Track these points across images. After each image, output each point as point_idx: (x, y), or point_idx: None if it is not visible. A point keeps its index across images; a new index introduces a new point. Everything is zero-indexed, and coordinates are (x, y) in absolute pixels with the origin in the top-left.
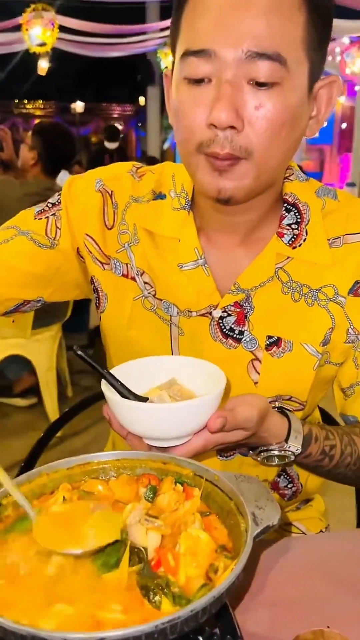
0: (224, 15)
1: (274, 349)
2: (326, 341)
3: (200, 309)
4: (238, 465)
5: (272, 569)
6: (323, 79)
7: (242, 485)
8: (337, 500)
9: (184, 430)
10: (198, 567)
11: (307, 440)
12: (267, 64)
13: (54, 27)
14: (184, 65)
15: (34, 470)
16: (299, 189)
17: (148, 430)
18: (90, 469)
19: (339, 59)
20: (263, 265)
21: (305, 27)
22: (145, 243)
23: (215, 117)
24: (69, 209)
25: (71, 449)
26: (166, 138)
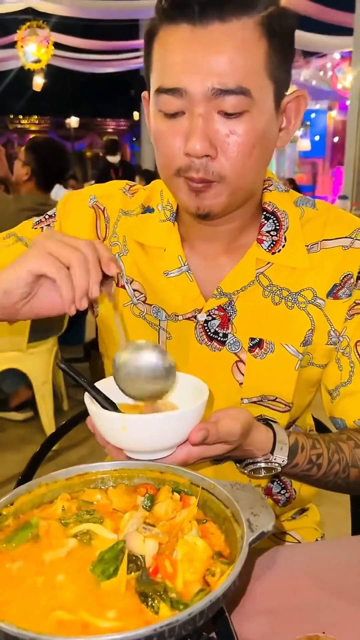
0: (189, 55)
1: (256, 350)
2: (306, 342)
3: (185, 313)
4: (230, 469)
5: (269, 576)
6: (290, 94)
7: (237, 493)
8: (332, 510)
9: (164, 443)
10: (195, 572)
11: (294, 451)
12: (233, 97)
13: (48, 44)
14: (158, 100)
15: (34, 481)
16: (278, 198)
17: (127, 442)
18: (89, 479)
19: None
20: (244, 270)
21: (266, 54)
22: (135, 252)
23: (191, 148)
24: (63, 223)
25: (67, 462)
26: None
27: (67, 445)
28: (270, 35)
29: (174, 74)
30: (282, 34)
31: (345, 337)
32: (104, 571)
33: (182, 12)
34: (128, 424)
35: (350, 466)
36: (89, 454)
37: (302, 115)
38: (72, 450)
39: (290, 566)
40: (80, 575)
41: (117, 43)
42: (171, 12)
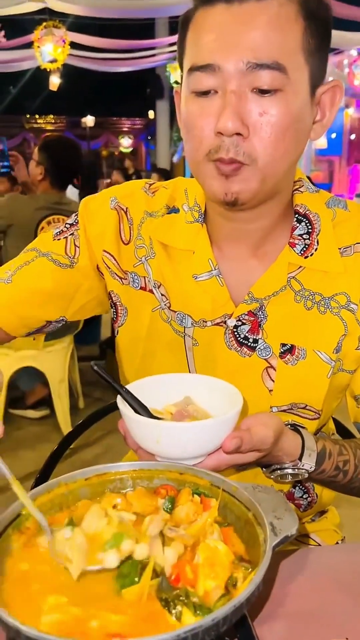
0: (224, 31)
1: (287, 356)
2: (339, 348)
3: (214, 319)
4: (254, 474)
5: (289, 580)
6: (325, 84)
7: (259, 495)
8: (351, 512)
9: (198, 451)
10: (216, 578)
11: (321, 457)
12: (268, 72)
13: (65, 44)
14: (191, 80)
15: (53, 480)
16: (310, 200)
17: (161, 449)
18: (108, 479)
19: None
20: (276, 275)
21: (303, 34)
22: (160, 256)
23: (222, 125)
24: (87, 228)
25: (82, 460)
26: (175, 151)
27: (83, 444)
28: (307, 16)
29: (208, 50)
30: (319, 18)
31: None
32: (124, 585)
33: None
34: (163, 431)
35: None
36: (103, 452)
37: (338, 107)
38: (87, 449)
39: (311, 570)
40: (102, 583)
41: (133, 42)
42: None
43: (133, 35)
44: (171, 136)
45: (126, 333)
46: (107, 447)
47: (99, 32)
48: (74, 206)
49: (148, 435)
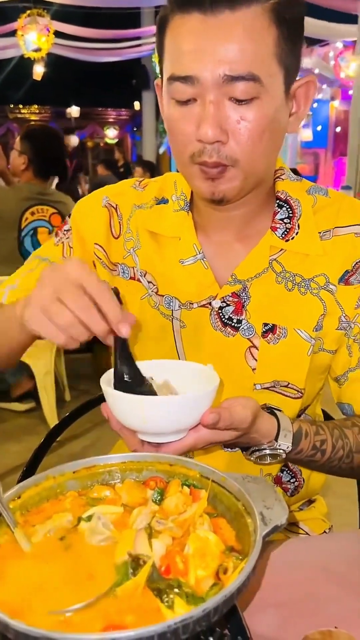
0: (201, 43)
1: (269, 335)
2: (319, 327)
3: (200, 300)
4: (243, 457)
5: (279, 569)
6: (299, 79)
7: (249, 485)
8: (337, 502)
9: (177, 426)
10: (207, 568)
11: (298, 437)
12: (243, 84)
13: (49, 33)
14: (171, 88)
15: (41, 474)
16: (291, 187)
17: (142, 423)
18: (97, 471)
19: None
20: (258, 258)
21: (276, 41)
22: (147, 244)
23: (203, 134)
24: (80, 227)
25: (69, 453)
26: (162, 142)
27: (70, 436)
28: (280, 22)
29: (186, 62)
30: (291, 20)
31: (357, 324)
32: (118, 583)
33: (194, 1)
34: (146, 405)
35: (355, 452)
36: (91, 444)
37: (312, 101)
38: (74, 442)
39: (300, 559)
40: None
41: (118, 32)
42: (183, 1)
43: (118, 24)
44: (157, 127)
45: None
46: (95, 439)
47: (83, 21)
48: (57, 196)
49: (129, 411)
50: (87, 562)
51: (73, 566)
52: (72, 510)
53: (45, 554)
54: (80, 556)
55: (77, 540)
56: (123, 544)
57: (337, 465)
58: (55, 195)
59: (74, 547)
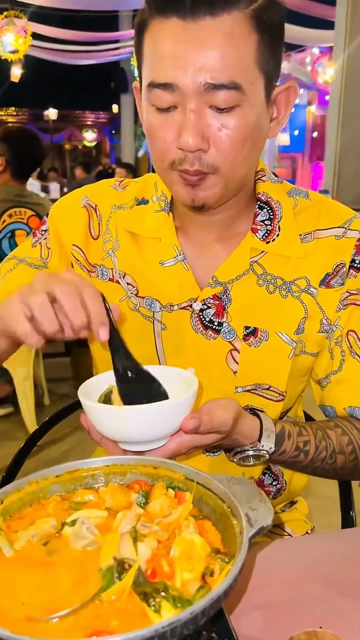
0: (181, 50)
1: (250, 338)
2: (300, 330)
3: (181, 302)
4: (224, 460)
5: (263, 571)
6: (280, 85)
7: (234, 487)
8: (318, 503)
9: (157, 433)
10: (193, 570)
11: (280, 438)
12: (224, 92)
13: (26, 35)
14: (150, 95)
15: (23, 478)
16: (272, 188)
17: (122, 433)
18: (80, 475)
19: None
20: (239, 260)
21: (257, 48)
22: (126, 245)
23: (184, 143)
24: (58, 227)
25: (49, 457)
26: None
27: (49, 440)
28: (260, 28)
29: (166, 69)
30: (271, 26)
31: (339, 327)
32: (104, 588)
33: (173, 6)
34: (125, 415)
35: (337, 453)
36: (71, 449)
37: (292, 106)
38: (54, 446)
39: (283, 561)
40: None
41: (96, 34)
42: (162, 6)
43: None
44: (135, 131)
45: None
46: (75, 443)
47: (61, 23)
48: (35, 198)
49: (107, 421)
50: (72, 567)
51: (58, 572)
52: (56, 514)
53: (29, 560)
54: (65, 561)
55: (61, 545)
56: (108, 548)
57: (320, 466)
58: (34, 197)
59: (58, 553)
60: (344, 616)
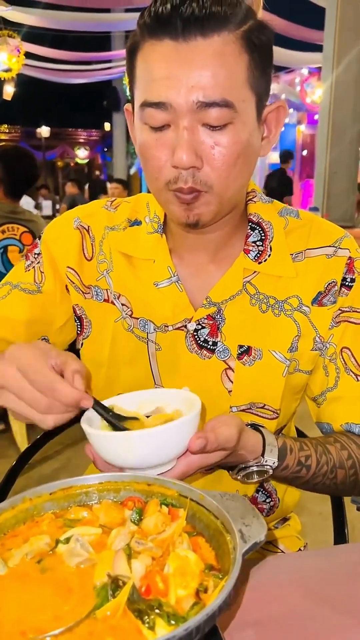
0: (173, 70)
1: (245, 357)
2: (293, 348)
3: (175, 323)
4: (219, 478)
5: (255, 587)
6: (270, 104)
7: (227, 503)
8: (311, 520)
9: (165, 456)
10: (187, 587)
11: (283, 452)
12: (217, 110)
13: (19, 54)
14: (144, 114)
15: (17, 496)
16: (263, 209)
17: (130, 459)
18: (74, 492)
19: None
20: (232, 280)
21: (247, 68)
22: (121, 267)
23: (178, 160)
24: (51, 249)
25: (41, 475)
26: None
27: (40, 458)
28: (251, 49)
29: (159, 88)
30: (261, 47)
31: (332, 344)
32: (98, 606)
33: (165, 28)
34: (132, 439)
35: (338, 467)
36: (62, 466)
37: (282, 125)
38: (45, 464)
39: (276, 577)
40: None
41: (88, 54)
42: (154, 28)
43: (89, 47)
44: (127, 149)
45: (91, 344)
46: (66, 461)
47: (54, 43)
48: (28, 215)
49: (116, 449)
50: (66, 585)
51: (52, 589)
52: (49, 532)
53: (23, 577)
54: (59, 579)
55: (56, 563)
56: (102, 566)
57: (321, 481)
58: (26, 214)
59: (52, 570)
60: (337, 633)
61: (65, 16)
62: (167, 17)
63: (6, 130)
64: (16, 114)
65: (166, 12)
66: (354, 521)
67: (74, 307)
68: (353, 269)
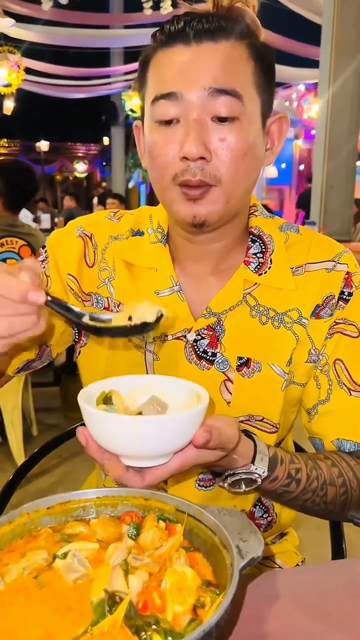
0: (186, 65)
1: (244, 369)
2: (291, 361)
3: (175, 333)
4: (216, 495)
5: (252, 603)
6: (273, 115)
7: (224, 518)
8: (310, 534)
9: (169, 447)
10: (184, 603)
11: (273, 462)
12: (227, 99)
13: (19, 69)
14: (155, 109)
15: (15, 510)
16: (264, 223)
17: (130, 446)
18: (71, 507)
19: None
20: (232, 291)
21: (254, 72)
22: (122, 275)
23: (187, 151)
24: (56, 255)
25: (37, 489)
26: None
27: (37, 472)
28: (256, 57)
29: (170, 81)
30: (265, 59)
31: (325, 355)
32: (95, 622)
33: (177, 37)
34: (136, 425)
35: (328, 484)
36: (58, 480)
37: (285, 136)
38: (42, 478)
39: (273, 593)
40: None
41: (88, 70)
42: (167, 40)
43: (88, 62)
44: (126, 163)
45: (88, 352)
46: (63, 475)
47: (54, 58)
48: (27, 229)
49: (113, 432)
50: (63, 600)
51: (49, 605)
52: (47, 547)
53: (20, 593)
54: (56, 594)
55: (53, 578)
56: (99, 581)
57: (311, 498)
58: (25, 227)
59: (50, 586)
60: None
61: (65, 32)
62: (182, 29)
63: (5, 144)
64: (16, 129)
65: (180, 26)
66: (351, 536)
67: None
68: (351, 283)
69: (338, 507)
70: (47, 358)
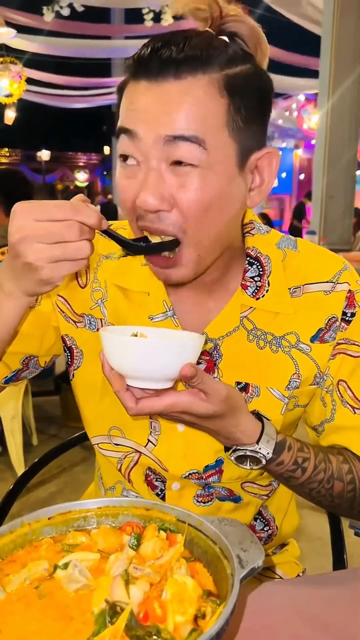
0: (146, 108)
1: (242, 394)
2: (291, 386)
3: None
4: (215, 510)
5: (253, 613)
6: (259, 151)
7: (225, 528)
8: (310, 545)
9: (165, 372)
10: (185, 613)
11: (280, 447)
12: (185, 145)
13: (21, 79)
14: (119, 142)
15: (16, 520)
16: (260, 242)
17: (127, 365)
18: (72, 517)
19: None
20: (229, 316)
21: (227, 111)
22: (115, 297)
23: (142, 202)
24: None
25: (37, 499)
26: None
27: (37, 482)
28: (232, 93)
29: (131, 117)
30: (248, 92)
31: (329, 376)
32: (96, 632)
33: (143, 69)
34: (135, 346)
35: (335, 478)
36: (59, 490)
37: (276, 173)
38: (41, 487)
39: (274, 603)
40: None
41: (89, 80)
42: (135, 70)
43: (90, 73)
44: None
45: (83, 375)
46: (63, 484)
47: (56, 69)
48: None
49: (118, 353)
50: (64, 611)
51: (50, 615)
52: (48, 557)
53: (21, 603)
54: (57, 605)
55: (54, 588)
56: (100, 592)
57: (316, 488)
58: None
59: (51, 596)
60: None
61: (66, 43)
62: (147, 60)
63: (7, 153)
64: (17, 138)
65: (146, 55)
66: (352, 547)
67: (63, 338)
68: (354, 302)
69: (345, 502)
70: (36, 367)
